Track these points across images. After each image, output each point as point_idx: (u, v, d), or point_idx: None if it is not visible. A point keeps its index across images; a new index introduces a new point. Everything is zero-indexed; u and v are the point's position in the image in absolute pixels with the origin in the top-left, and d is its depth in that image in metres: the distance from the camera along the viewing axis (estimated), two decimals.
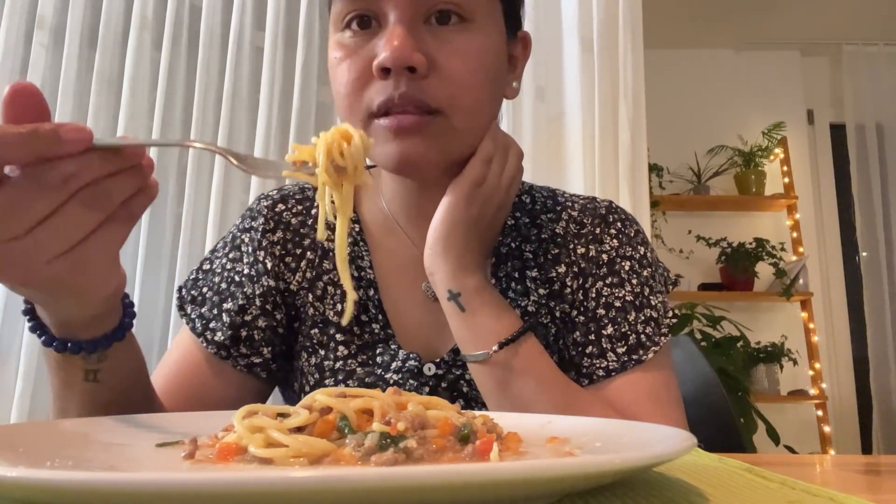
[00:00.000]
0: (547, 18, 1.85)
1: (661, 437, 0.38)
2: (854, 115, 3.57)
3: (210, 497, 0.23)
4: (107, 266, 0.46)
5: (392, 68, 0.62)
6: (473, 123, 0.68)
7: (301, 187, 0.82)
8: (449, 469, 0.25)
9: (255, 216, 0.80)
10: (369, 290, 0.76)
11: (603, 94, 1.78)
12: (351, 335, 0.74)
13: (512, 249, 0.77)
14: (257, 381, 0.76)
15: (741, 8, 3.30)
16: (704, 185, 3.48)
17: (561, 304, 0.75)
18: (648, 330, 0.72)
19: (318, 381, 0.74)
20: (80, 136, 0.39)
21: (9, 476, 0.24)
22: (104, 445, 0.41)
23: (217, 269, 0.79)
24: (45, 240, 0.40)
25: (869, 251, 3.47)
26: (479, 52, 0.66)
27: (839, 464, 0.59)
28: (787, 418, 3.19)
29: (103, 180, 0.41)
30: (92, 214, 0.41)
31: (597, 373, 0.72)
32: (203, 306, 0.76)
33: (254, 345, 0.75)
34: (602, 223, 0.78)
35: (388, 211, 0.78)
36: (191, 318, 0.76)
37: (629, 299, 0.73)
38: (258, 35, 2.01)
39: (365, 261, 0.77)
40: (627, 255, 0.76)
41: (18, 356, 1.85)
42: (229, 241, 0.80)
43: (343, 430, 0.36)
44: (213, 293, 0.77)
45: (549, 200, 0.81)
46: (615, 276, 0.75)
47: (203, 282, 0.79)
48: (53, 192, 0.39)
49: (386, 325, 0.75)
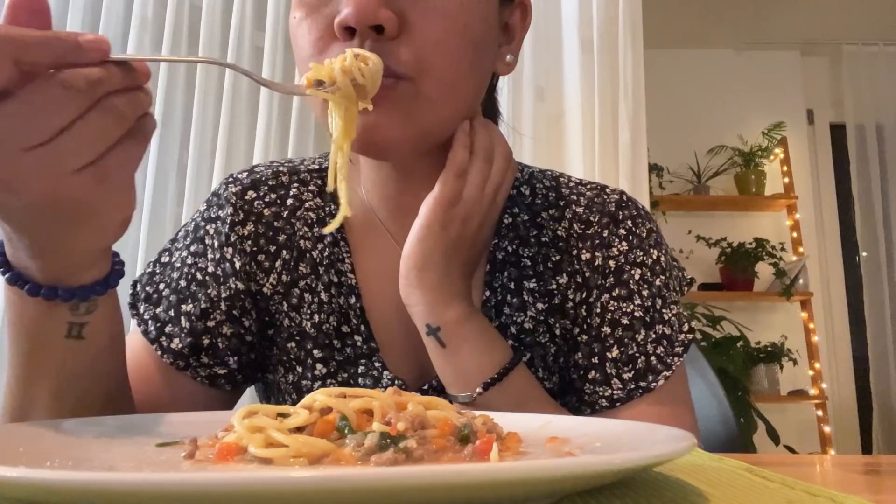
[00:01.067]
0: (547, 18, 1.85)
1: (661, 437, 0.38)
2: (854, 115, 3.57)
3: (210, 497, 0.23)
4: (126, 185, 0.44)
5: (356, 27, 0.54)
6: (447, 94, 0.58)
7: (275, 172, 0.72)
8: (449, 469, 0.25)
9: (222, 204, 0.70)
10: (350, 297, 0.67)
11: (603, 94, 1.78)
12: (330, 349, 0.67)
13: (509, 255, 0.69)
14: (220, 392, 0.68)
15: (741, 8, 3.30)
16: (704, 185, 3.48)
17: (562, 319, 0.68)
18: (660, 350, 0.65)
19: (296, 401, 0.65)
20: (98, 46, 0.38)
21: (9, 476, 0.24)
22: (104, 445, 0.41)
23: (176, 263, 0.69)
24: (69, 148, 0.39)
25: (869, 251, 3.47)
26: (460, 10, 0.57)
27: (839, 464, 0.59)
28: (787, 418, 3.19)
29: (122, 93, 0.40)
30: (113, 126, 0.40)
31: (599, 402, 0.65)
32: (158, 306, 0.67)
33: (217, 354, 0.66)
34: (611, 222, 0.69)
35: (368, 205, 0.70)
36: (143, 320, 0.66)
37: (638, 315, 0.66)
38: (258, 35, 2.01)
39: (346, 264, 0.68)
40: (638, 261, 0.68)
41: None
42: (191, 230, 0.70)
43: (343, 430, 0.36)
44: (170, 291, 0.67)
45: (553, 193, 0.72)
46: (623, 287, 0.67)
47: (160, 276, 0.69)
48: (77, 97, 0.38)
49: (369, 337, 0.67)
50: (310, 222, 0.70)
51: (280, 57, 1.97)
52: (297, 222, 0.70)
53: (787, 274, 3.25)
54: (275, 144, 1.94)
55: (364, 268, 0.69)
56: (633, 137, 1.77)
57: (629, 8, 1.80)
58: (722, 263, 3.35)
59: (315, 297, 0.68)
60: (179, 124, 2.02)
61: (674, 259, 0.73)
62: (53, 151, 0.38)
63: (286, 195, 0.71)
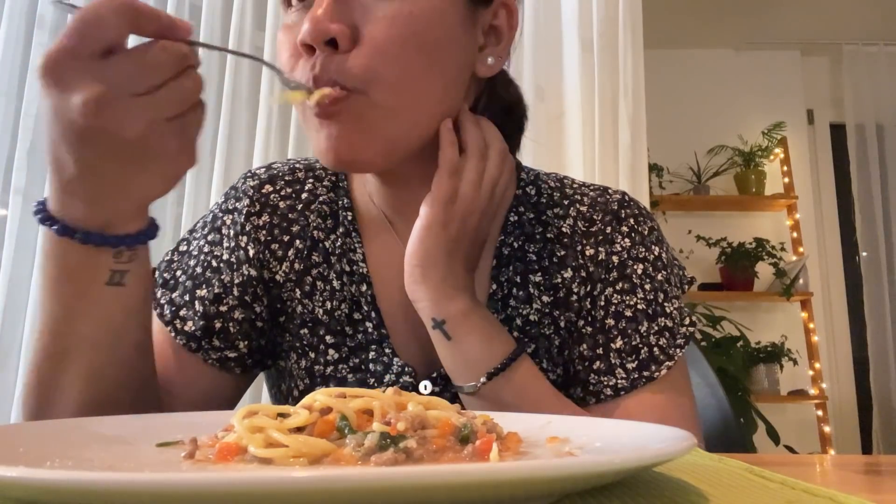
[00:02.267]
0: (547, 18, 1.85)
1: (661, 437, 0.38)
2: (854, 115, 3.57)
3: (210, 497, 0.23)
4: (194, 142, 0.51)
5: (312, 44, 0.57)
6: (403, 100, 0.60)
7: (291, 168, 0.76)
8: (449, 469, 0.25)
9: (239, 196, 0.74)
10: (362, 285, 0.70)
11: (603, 94, 1.78)
12: (342, 335, 0.70)
13: (514, 250, 0.71)
14: (230, 376, 0.71)
15: (741, 8, 3.30)
16: (704, 185, 3.48)
17: (567, 312, 0.70)
18: (662, 342, 0.67)
19: (309, 386, 0.69)
20: (186, 28, 0.48)
21: (9, 476, 0.24)
22: (104, 445, 0.41)
23: (194, 252, 0.73)
24: (162, 101, 0.47)
25: (869, 251, 3.47)
26: (409, 17, 0.58)
27: (839, 464, 0.59)
28: (787, 418, 3.19)
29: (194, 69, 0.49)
30: (193, 91, 0.48)
31: (604, 391, 0.67)
32: (174, 291, 0.71)
33: (229, 338, 0.69)
34: (614, 220, 0.72)
35: (373, 202, 0.73)
36: (160, 304, 0.70)
37: (641, 308, 0.68)
38: (258, 35, 2.01)
39: (357, 253, 0.71)
40: (640, 256, 0.70)
41: (18, 356, 1.85)
42: (209, 220, 0.74)
43: (343, 431, 0.36)
44: (186, 277, 0.71)
45: (557, 192, 0.75)
46: (626, 280, 0.69)
47: (178, 264, 0.73)
48: (173, 62, 0.47)
49: (380, 323, 0.69)
50: (323, 214, 0.73)
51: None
52: (311, 214, 0.73)
53: (787, 274, 3.25)
54: (275, 144, 1.94)
55: (374, 258, 0.71)
56: (633, 137, 1.77)
57: (629, 8, 1.80)
58: (722, 263, 3.35)
59: (327, 284, 0.71)
60: None
61: (674, 258, 0.75)
62: (152, 101, 0.46)
63: (301, 189, 0.74)
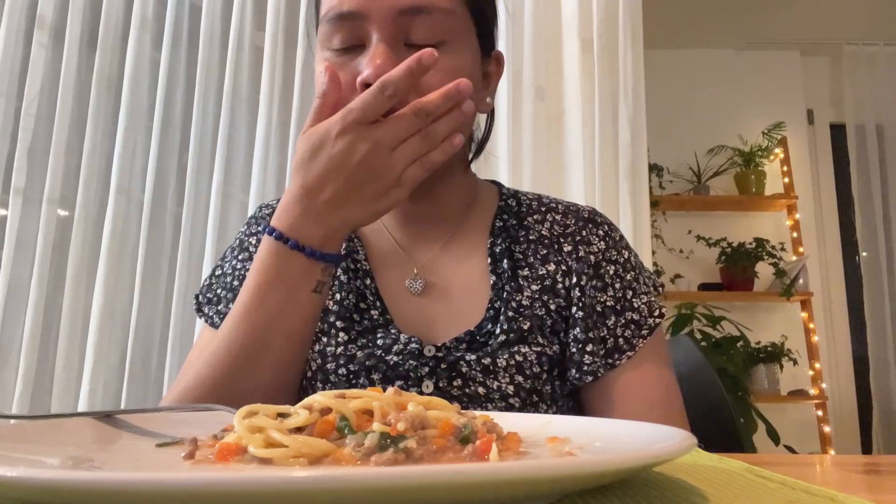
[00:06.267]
0: (547, 18, 1.85)
1: (661, 437, 0.38)
2: (854, 115, 3.57)
3: (210, 497, 0.23)
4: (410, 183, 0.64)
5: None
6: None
7: None
8: (449, 469, 0.25)
9: (259, 221, 0.88)
10: (366, 279, 0.80)
11: (603, 94, 1.78)
12: (350, 321, 0.77)
13: (503, 250, 0.81)
14: None
15: (741, 8, 3.30)
16: (704, 185, 3.48)
17: (555, 298, 0.78)
18: (627, 333, 0.77)
19: (321, 366, 0.75)
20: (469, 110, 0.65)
21: (9, 476, 0.24)
22: (104, 445, 0.41)
23: (228, 271, 0.86)
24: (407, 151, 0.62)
25: (869, 251, 3.47)
26: (454, 71, 0.69)
27: (839, 464, 0.59)
28: (787, 418, 3.19)
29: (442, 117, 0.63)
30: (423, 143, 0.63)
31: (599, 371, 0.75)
32: (219, 304, 0.83)
33: None
34: (589, 223, 0.83)
35: None
36: (209, 316, 0.83)
37: (610, 304, 0.78)
38: (258, 35, 2.01)
39: (360, 254, 0.82)
40: (612, 258, 0.81)
41: (18, 356, 1.85)
42: (237, 245, 0.88)
43: (343, 431, 0.36)
44: (226, 291, 0.84)
45: (535, 202, 0.87)
46: (599, 279, 0.79)
47: (217, 284, 0.86)
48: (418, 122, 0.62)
49: (384, 310, 0.78)
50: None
51: (280, 57, 1.97)
52: None
53: (787, 274, 3.25)
54: (275, 144, 1.94)
55: (374, 258, 0.83)
56: (633, 137, 1.77)
57: (629, 8, 1.81)
58: (722, 263, 3.35)
59: (335, 280, 0.80)
60: (179, 124, 2.02)
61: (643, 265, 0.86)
62: (401, 151, 0.62)
63: None
